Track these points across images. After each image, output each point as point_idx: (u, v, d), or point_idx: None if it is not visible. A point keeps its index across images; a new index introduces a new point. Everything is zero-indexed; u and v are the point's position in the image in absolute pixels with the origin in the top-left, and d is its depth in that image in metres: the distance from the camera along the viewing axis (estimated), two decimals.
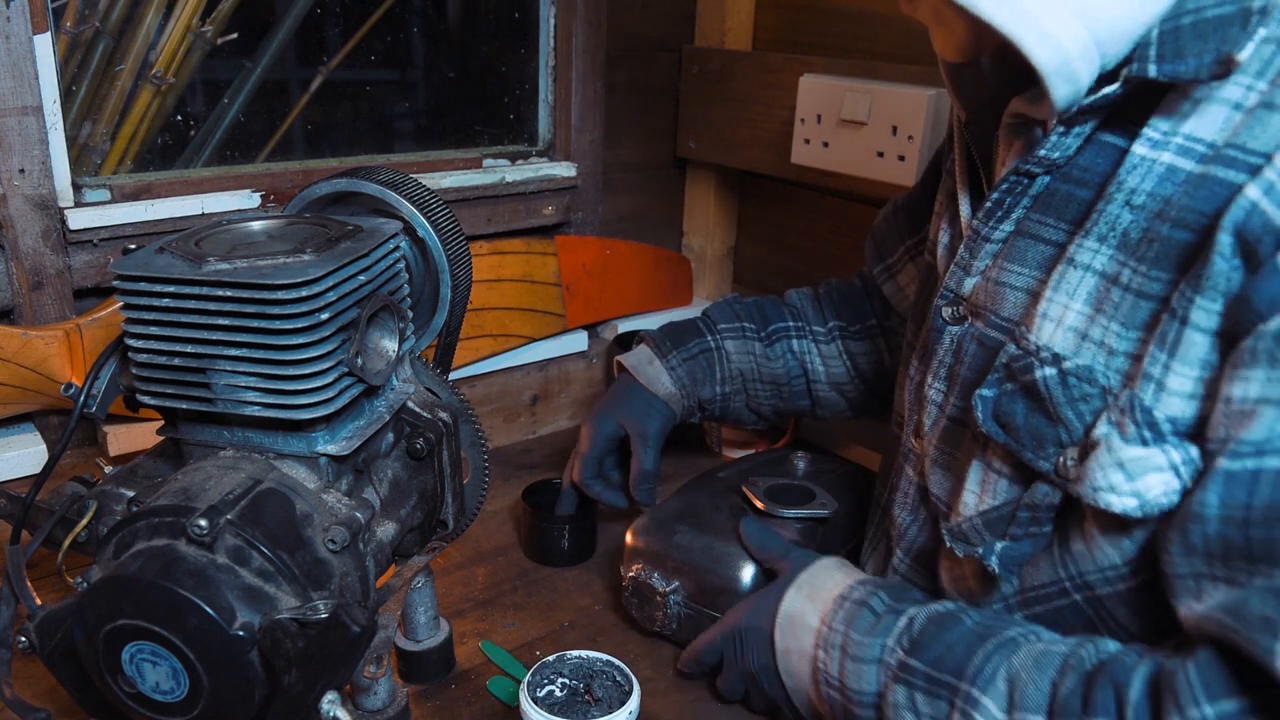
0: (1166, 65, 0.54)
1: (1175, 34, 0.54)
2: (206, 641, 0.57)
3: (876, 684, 0.67)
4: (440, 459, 0.76)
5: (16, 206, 0.98)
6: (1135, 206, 0.57)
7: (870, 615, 0.70)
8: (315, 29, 1.24)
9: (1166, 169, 0.56)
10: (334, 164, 1.26)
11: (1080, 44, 0.54)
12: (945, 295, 0.71)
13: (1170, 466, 0.55)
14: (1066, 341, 0.60)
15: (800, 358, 1.07)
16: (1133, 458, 0.55)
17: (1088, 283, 0.59)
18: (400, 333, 0.72)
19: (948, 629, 0.65)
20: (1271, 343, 0.50)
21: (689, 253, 1.64)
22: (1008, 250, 0.66)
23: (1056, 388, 0.60)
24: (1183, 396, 0.54)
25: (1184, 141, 0.56)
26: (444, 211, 0.81)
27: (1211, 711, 0.49)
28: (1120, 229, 0.58)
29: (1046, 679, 0.58)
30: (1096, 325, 0.59)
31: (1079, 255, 0.60)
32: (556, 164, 1.41)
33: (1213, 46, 0.53)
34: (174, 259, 0.64)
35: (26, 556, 0.67)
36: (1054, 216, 0.63)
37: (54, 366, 0.99)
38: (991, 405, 0.64)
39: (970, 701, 0.61)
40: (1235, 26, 0.52)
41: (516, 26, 1.41)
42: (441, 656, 0.89)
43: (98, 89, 1.10)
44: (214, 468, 0.65)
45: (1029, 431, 0.62)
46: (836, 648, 0.71)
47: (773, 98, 1.35)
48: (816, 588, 0.76)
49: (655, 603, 0.92)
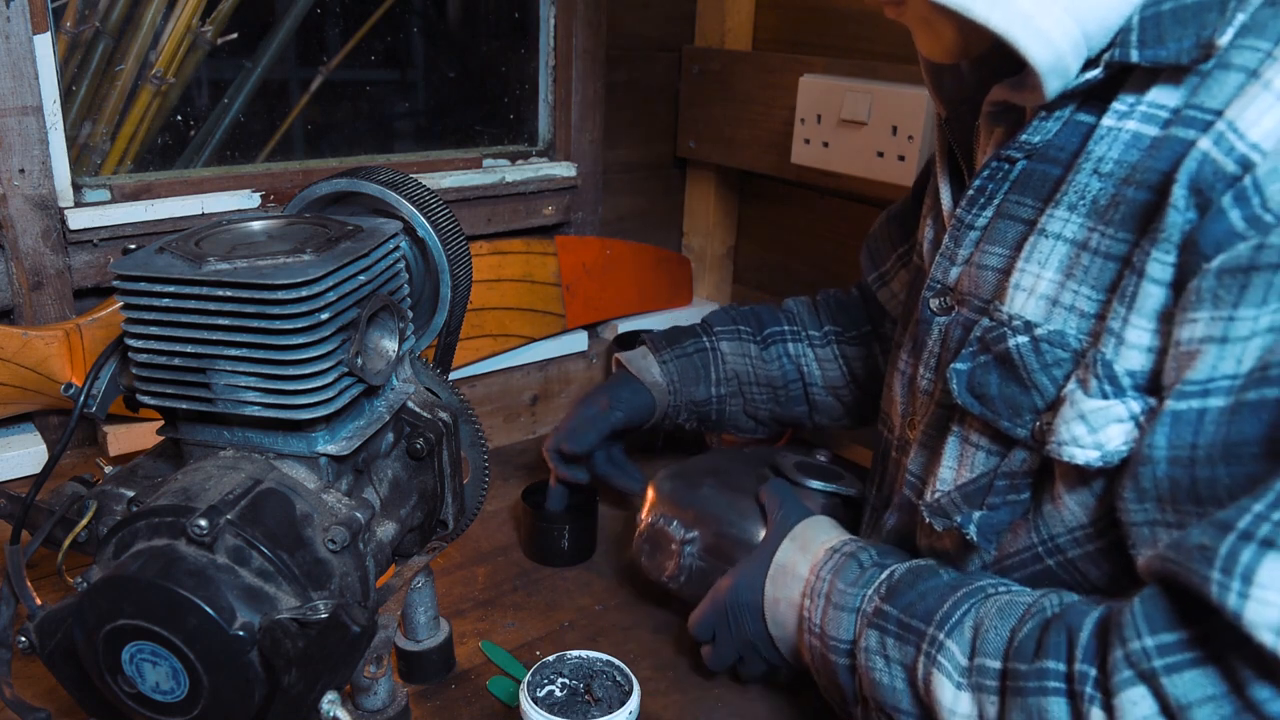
0: (1148, 50, 0.56)
1: (1156, 20, 0.55)
2: (206, 641, 0.57)
3: (852, 631, 0.70)
4: (440, 459, 0.76)
5: (16, 206, 0.98)
6: (1103, 174, 0.59)
7: (857, 567, 0.73)
8: (315, 29, 1.24)
9: (1132, 135, 0.58)
10: (334, 164, 1.26)
11: (1072, 39, 0.56)
12: (932, 286, 0.72)
13: (1130, 417, 0.56)
14: (1038, 309, 0.61)
15: (796, 361, 1.08)
16: (1094, 409, 0.57)
17: (1059, 251, 0.61)
18: (400, 333, 0.72)
19: (924, 579, 0.68)
20: (1214, 281, 0.51)
21: (689, 253, 1.64)
22: (988, 235, 0.67)
23: (1030, 354, 0.61)
24: (1140, 349, 0.56)
25: (1148, 109, 0.57)
26: (444, 211, 0.81)
27: (1152, 643, 0.50)
28: (1090, 196, 0.59)
29: (1007, 626, 0.60)
30: (1067, 291, 0.60)
31: (1049, 225, 0.61)
32: (556, 164, 1.41)
33: (1192, 31, 0.54)
34: (174, 259, 0.64)
35: (26, 556, 0.67)
36: (1031, 196, 0.64)
37: (54, 366, 0.99)
38: (966, 378, 0.65)
39: (936, 645, 0.63)
40: (1213, 11, 0.54)
41: (516, 26, 1.41)
42: (441, 656, 0.89)
43: (98, 89, 1.10)
44: (214, 468, 0.65)
45: (1004, 400, 0.63)
46: (821, 595, 0.73)
47: (773, 98, 1.35)
48: (809, 540, 0.78)
49: (669, 551, 0.91)
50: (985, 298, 0.67)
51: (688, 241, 1.64)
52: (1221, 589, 0.47)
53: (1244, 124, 0.51)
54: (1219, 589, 0.47)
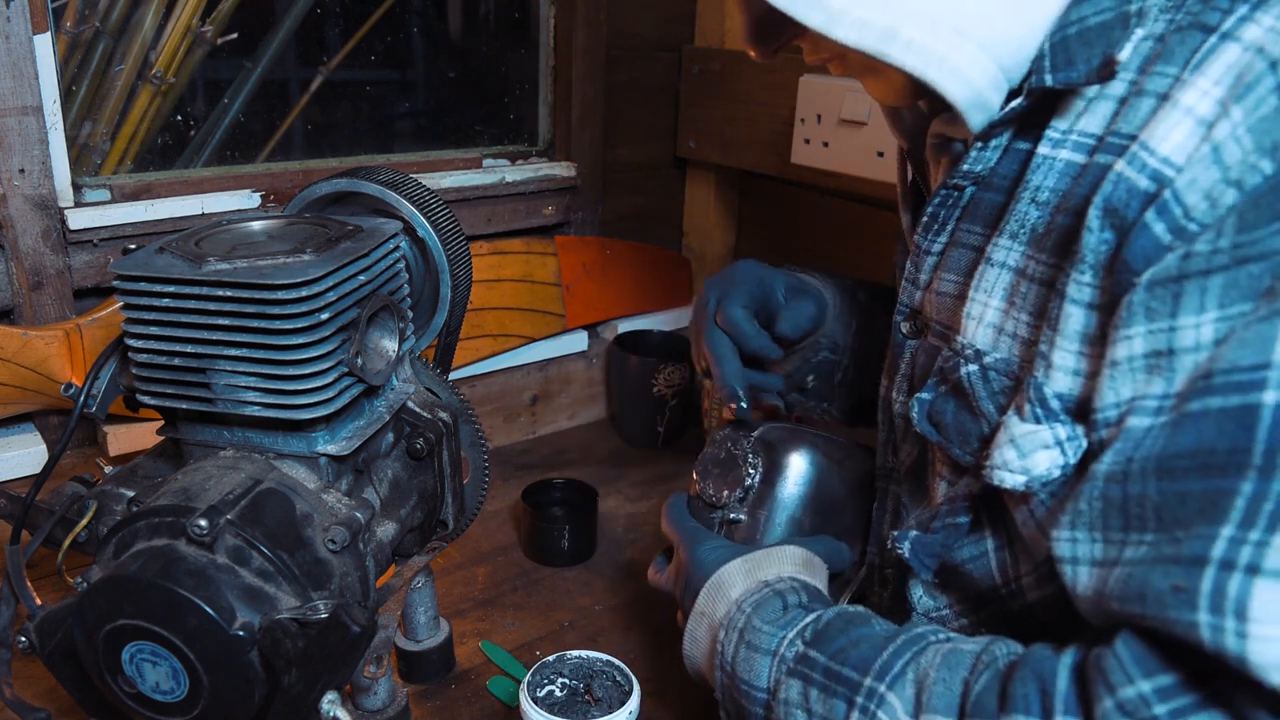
0: (1060, 74, 0.57)
1: (1064, 44, 0.57)
2: (206, 641, 0.57)
3: (766, 678, 0.64)
4: (440, 459, 0.76)
5: (16, 206, 0.98)
6: (1040, 203, 0.60)
7: (780, 606, 0.67)
8: (315, 29, 1.24)
9: (1065, 164, 0.59)
10: (334, 164, 1.26)
11: (988, 75, 0.58)
12: (901, 310, 0.73)
13: (1056, 442, 0.56)
14: (986, 337, 0.62)
15: None
16: (1023, 434, 0.57)
17: (1003, 279, 0.62)
18: (400, 333, 0.71)
19: (856, 625, 0.62)
20: (1145, 294, 0.50)
21: (689, 253, 1.64)
22: (944, 261, 0.68)
23: (978, 382, 0.62)
24: (1066, 372, 0.56)
25: (1078, 138, 0.59)
26: (444, 211, 0.81)
27: (1149, 687, 0.46)
28: (1029, 224, 0.61)
29: (957, 677, 0.55)
30: (1010, 318, 0.61)
31: (994, 254, 0.62)
32: (556, 164, 1.41)
33: (1099, 51, 0.56)
34: (174, 259, 0.64)
35: (26, 556, 0.67)
36: (980, 224, 0.66)
37: (54, 366, 0.99)
38: (927, 406, 0.66)
39: (874, 698, 0.57)
40: (1116, 29, 0.56)
41: (516, 26, 1.41)
42: (441, 656, 0.89)
43: (98, 89, 1.10)
44: (214, 468, 0.65)
45: (956, 429, 0.64)
46: (736, 630, 0.67)
47: (773, 98, 1.35)
48: (760, 563, 0.72)
49: (738, 475, 0.83)
50: (945, 324, 0.68)
51: (688, 241, 1.64)
52: (1215, 632, 0.42)
53: (1154, 141, 0.52)
54: (1212, 633, 0.43)
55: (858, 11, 0.57)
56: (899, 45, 0.57)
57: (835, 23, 0.57)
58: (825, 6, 0.57)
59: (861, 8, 0.57)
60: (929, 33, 0.57)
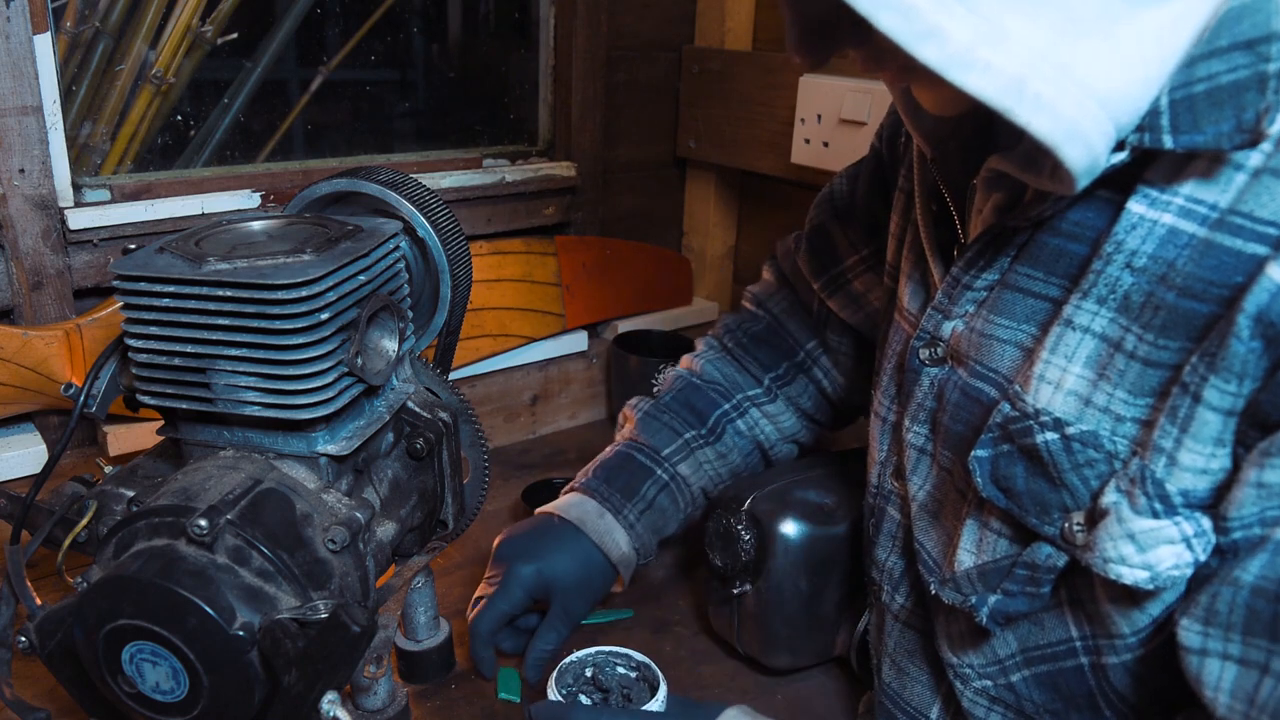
0: (1183, 136, 0.52)
1: (1189, 103, 0.51)
2: (206, 641, 0.57)
3: None
4: (440, 459, 0.76)
5: (16, 206, 0.98)
6: (1136, 269, 0.55)
7: None
8: (315, 29, 1.24)
9: (1168, 231, 0.54)
10: (334, 164, 1.26)
11: (1107, 138, 0.51)
12: (922, 336, 0.69)
13: (1182, 539, 0.53)
14: (1068, 406, 0.58)
15: (750, 435, 1.00)
16: (1144, 529, 0.54)
17: (1087, 345, 0.57)
18: (400, 333, 0.71)
19: None
20: None
21: (689, 253, 1.64)
22: (993, 301, 0.64)
23: (1060, 453, 0.58)
24: (1194, 471, 0.53)
25: (1185, 203, 0.54)
26: (444, 211, 0.81)
27: None
28: (1121, 292, 0.56)
29: None
30: (1100, 391, 0.57)
31: (1077, 317, 0.58)
32: (556, 164, 1.41)
33: (1230, 114, 0.50)
34: (174, 259, 0.64)
35: (26, 556, 0.67)
36: (1043, 270, 0.61)
37: (54, 366, 0.99)
38: (989, 467, 0.62)
39: None
40: (1251, 90, 0.50)
41: (516, 26, 1.41)
42: (441, 656, 0.89)
43: (98, 89, 1.10)
44: (214, 468, 0.65)
45: (1031, 496, 0.60)
46: None
47: (773, 98, 1.35)
48: None
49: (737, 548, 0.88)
50: (991, 366, 0.64)
51: (688, 241, 1.64)
52: None
53: None
54: None
55: (983, 52, 0.47)
56: (1028, 102, 0.48)
57: (956, 63, 0.47)
58: (942, 42, 0.47)
59: (987, 45, 0.47)
60: (1058, 88, 0.49)
